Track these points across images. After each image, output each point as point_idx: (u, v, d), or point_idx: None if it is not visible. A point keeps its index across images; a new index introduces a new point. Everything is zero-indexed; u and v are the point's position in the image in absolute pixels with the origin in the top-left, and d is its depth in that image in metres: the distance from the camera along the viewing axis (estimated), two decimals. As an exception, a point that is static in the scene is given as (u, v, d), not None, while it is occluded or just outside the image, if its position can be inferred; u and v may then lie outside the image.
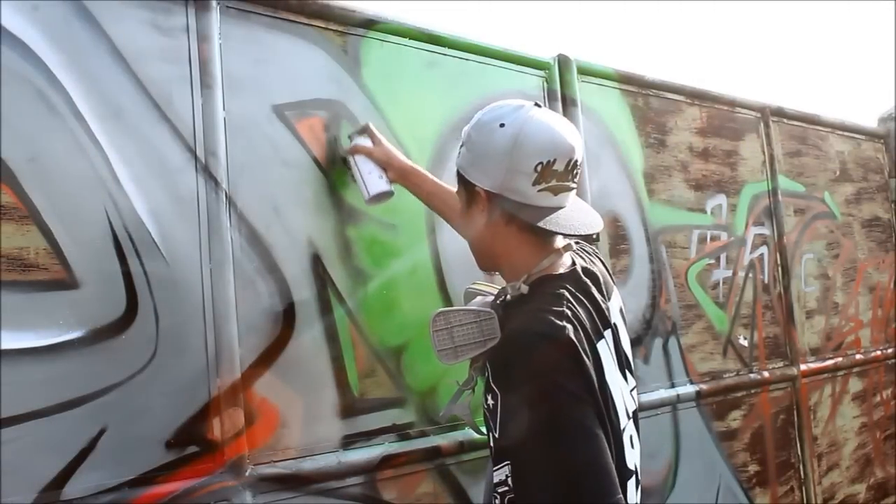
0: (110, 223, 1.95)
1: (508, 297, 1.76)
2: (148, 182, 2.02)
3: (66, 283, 1.87)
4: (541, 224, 1.67)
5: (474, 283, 2.00)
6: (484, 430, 1.72)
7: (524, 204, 1.68)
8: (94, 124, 1.95)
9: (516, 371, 1.56)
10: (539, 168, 1.64)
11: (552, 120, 1.71)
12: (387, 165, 2.36)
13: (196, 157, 2.11)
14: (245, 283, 2.16)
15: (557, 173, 1.66)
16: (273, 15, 2.33)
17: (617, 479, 1.51)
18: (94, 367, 1.89)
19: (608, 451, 1.52)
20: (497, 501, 1.57)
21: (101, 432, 1.88)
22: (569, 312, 1.60)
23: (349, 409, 2.35)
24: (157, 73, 2.08)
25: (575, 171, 1.71)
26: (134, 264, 1.97)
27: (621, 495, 1.50)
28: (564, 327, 1.56)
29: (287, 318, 2.25)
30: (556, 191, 1.68)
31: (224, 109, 2.18)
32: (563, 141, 1.67)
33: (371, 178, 2.33)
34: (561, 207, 1.71)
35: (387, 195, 2.34)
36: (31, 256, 1.83)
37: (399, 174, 2.38)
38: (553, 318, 1.57)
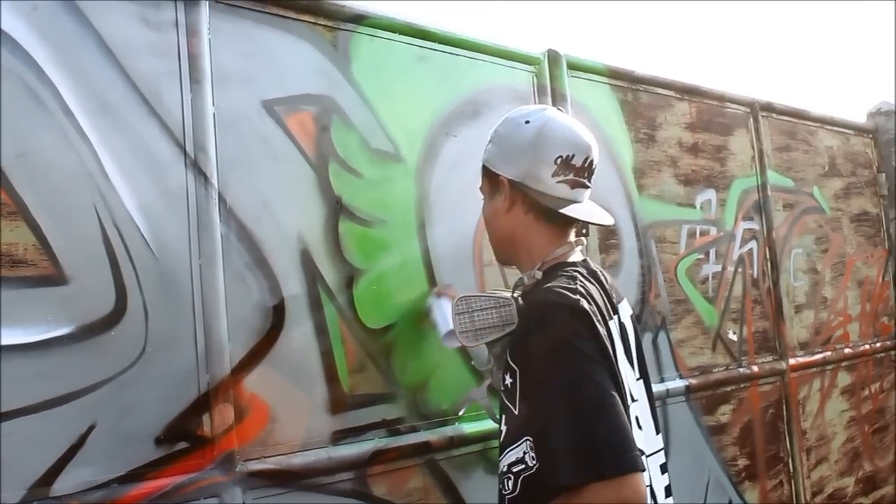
0: (99, 219, 1.94)
1: (525, 285, 1.88)
2: (137, 177, 2.02)
3: (55, 278, 1.87)
4: (558, 210, 1.83)
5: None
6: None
7: (543, 193, 1.84)
8: (82, 119, 1.94)
9: (533, 339, 1.67)
10: (559, 161, 1.82)
11: (572, 121, 1.93)
12: None
13: (185, 153, 2.11)
14: (235, 279, 2.16)
15: (575, 168, 1.84)
16: (262, 10, 2.33)
17: (633, 437, 1.59)
18: (84, 363, 1.88)
19: (624, 412, 1.60)
20: (510, 483, 1.61)
21: (91, 428, 1.88)
22: (581, 289, 1.72)
23: (339, 404, 2.35)
24: (146, 67, 2.07)
25: (591, 170, 1.90)
26: (123, 260, 1.97)
27: (639, 452, 1.57)
28: (578, 299, 1.67)
29: (277, 313, 2.24)
30: (572, 185, 1.86)
31: (213, 104, 2.18)
32: (582, 139, 1.86)
33: (450, 317, 2.33)
34: (577, 201, 1.87)
35: None
36: (20, 252, 1.82)
37: None
38: (566, 292, 1.69)
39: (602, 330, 1.67)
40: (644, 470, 1.58)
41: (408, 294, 2.56)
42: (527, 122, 1.87)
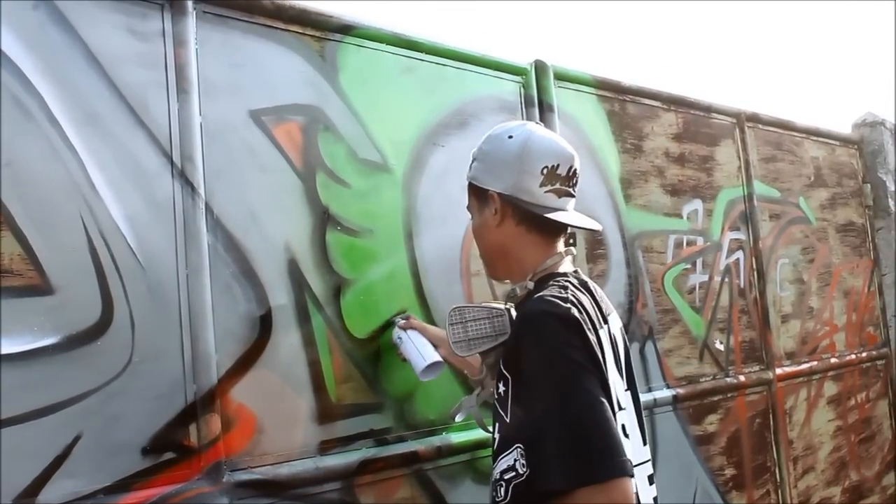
0: (86, 229, 1.94)
1: (517, 296, 1.91)
2: (124, 187, 2.01)
3: (41, 288, 1.86)
4: (547, 216, 1.87)
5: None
6: (490, 428, 1.82)
7: (533, 203, 1.87)
8: (69, 129, 1.94)
9: (525, 347, 1.69)
10: (545, 171, 1.88)
11: (552, 133, 2.00)
12: (439, 342, 2.39)
13: (172, 163, 2.10)
14: (222, 289, 2.16)
15: (560, 177, 1.90)
16: (250, 20, 2.33)
17: (622, 443, 1.61)
18: (70, 374, 1.87)
19: (613, 419, 1.62)
20: (502, 490, 1.64)
21: (77, 439, 1.87)
22: (572, 298, 1.74)
23: (326, 414, 2.34)
24: (133, 77, 2.07)
25: (575, 179, 1.95)
26: (109, 270, 1.96)
27: (628, 458, 1.59)
28: (569, 308, 1.69)
29: (264, 323, 2.24)
30: (559, 193, 1.91)
31: (200, 114, 2.18)
32: (564, 149, 1.93)
33: (426, 350, 2.36)
34: (564, 210, 1.92)
35: (440, 366, 2.36)
36: (6, 262, 1.81)
37: (450, 351, 2.40)
38: (558, 301, 1.71)
39: (592, 338, 1.69)
40: (633, 475, 1.60)
41: (395, 304, 2.56)
42: (510, 136, 1.92)
